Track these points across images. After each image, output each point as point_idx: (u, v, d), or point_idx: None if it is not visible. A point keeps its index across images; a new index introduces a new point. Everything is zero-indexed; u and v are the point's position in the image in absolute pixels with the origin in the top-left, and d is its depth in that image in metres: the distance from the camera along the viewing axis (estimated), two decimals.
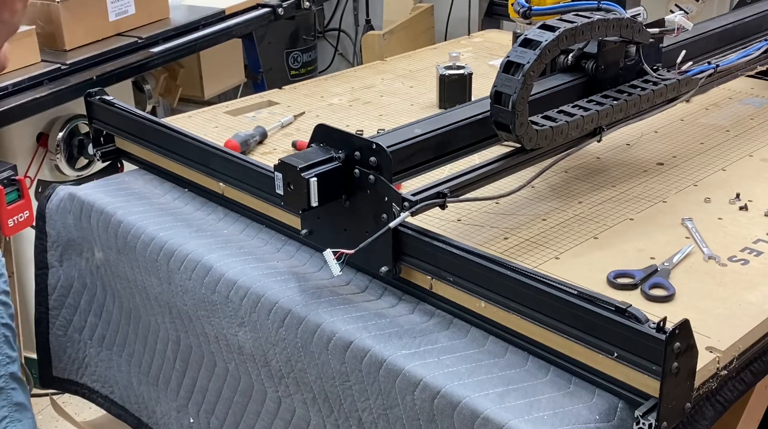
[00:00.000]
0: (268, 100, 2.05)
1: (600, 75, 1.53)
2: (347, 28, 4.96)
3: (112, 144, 1.82)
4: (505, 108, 1.30)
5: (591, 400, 1.12)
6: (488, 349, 1.23)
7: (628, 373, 1.09)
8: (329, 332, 1.28)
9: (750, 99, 1.97)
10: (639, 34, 1.48)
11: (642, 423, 1.05)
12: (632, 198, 1.53)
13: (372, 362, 1.23)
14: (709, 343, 1.14)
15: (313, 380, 1.33)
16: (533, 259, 1.34)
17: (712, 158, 1.68)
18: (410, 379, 1.18)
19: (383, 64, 2.32)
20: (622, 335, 1.08)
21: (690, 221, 1.44)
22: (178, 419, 1.63)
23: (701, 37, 1.75)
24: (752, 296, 1.25)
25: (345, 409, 1.30)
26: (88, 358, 1.78)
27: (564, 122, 1.39)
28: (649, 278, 1.27)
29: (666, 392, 1.04)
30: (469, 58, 2.29)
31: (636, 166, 1.65)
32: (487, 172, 1.36)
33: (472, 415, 1.12)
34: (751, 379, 1.23)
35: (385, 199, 1.26)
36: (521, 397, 1.13)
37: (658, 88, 1.53)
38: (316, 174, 1.27)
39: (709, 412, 1.18)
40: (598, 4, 1.45)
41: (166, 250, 1.53)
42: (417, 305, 1.33)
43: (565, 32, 1.33)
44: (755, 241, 1.39)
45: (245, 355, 1.43)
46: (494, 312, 1.23)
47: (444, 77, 1.92)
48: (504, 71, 1.31)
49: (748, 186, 1.56)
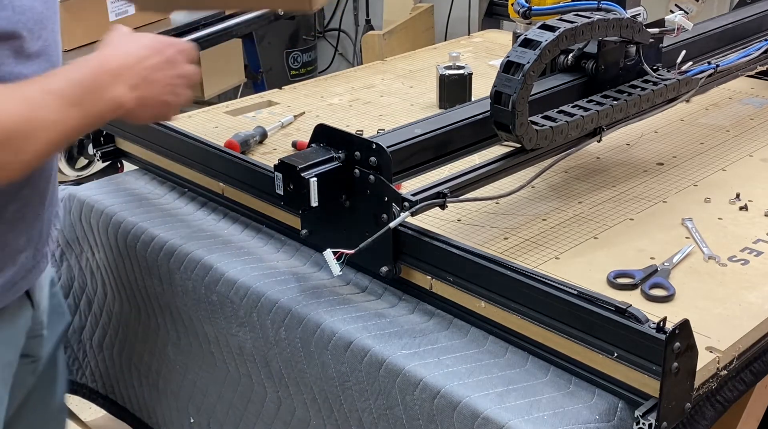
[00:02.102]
0: (268, 100, 2.05)
1: (600, 75, 1.53)
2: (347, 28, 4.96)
3: (112, 144, 1.82)
4: (505, 108, 1.30)
5: (591, 400, 1.12)
6: (488, 349, 1.23)
7: (628, 373, 1.09)
8: (329, 332, 1.28)
9: (750, 99, 1.97)
10: (639, 34, 1.47)
11: (642, 423, 1.05)
12: (632, 198, 1.53)
13: (372, 362, 1.23)
14: (709, 343, 1.14)
15: (313, 380, 1.33)
16: (533, 259, 1.34)
17: (712, 158, 1.68)
18: (410, 379, 1.18)
19: (383, 64, 2.32)
20: (622, 335, 1.08)
21: (690, 221, 1.44)
22: (178, 419, 1.63)
23: (701, 37, 1.75)
24: (752, 296, 1.25)
25: (345, 410, 1.30)
26: (88, 358, 1.78)
27: (564, 122, 1.39)
28: (649, 278, 1.27)
29: (666, 392, 1.04)
30: (469, 58, 2.29)
31: (636, 166, 1.65)
32: (487, 172, 1.36)
33: (472, 415, 1.12)
34: (751, 379, 1.23)
35: (385, 199, 1.26)
36: (521, 397, 1.13)
37: (658, 88, 1.53)
38: (316, 174, 1.27)
39: (709, 412, 1.18)
40: (598, 4, 1.45)
41: (166, 250, 1.53)
42: (417, 305, 1.33)
43: (565, 32, 1.33)
44: (755, 241, 1.39)
45: (245, 355, 1.43)
46: (494, 312, 1.23)
47: (444, 77, 1.92)
48: (504, 71, 1.31)
49: (748, 186, 1.56)
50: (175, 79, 1.25)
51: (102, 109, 1.17)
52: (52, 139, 1.13)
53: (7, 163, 1.10)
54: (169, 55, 1.25)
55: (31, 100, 1.11)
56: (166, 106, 1.26)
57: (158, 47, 1.25)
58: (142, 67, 1.21)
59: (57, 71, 1.20)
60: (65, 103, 1.13)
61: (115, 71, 1.19)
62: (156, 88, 1.23)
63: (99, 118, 1.18)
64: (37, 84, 1.14)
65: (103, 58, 1.20)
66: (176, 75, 1.25)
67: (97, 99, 1.16)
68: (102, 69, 1.18)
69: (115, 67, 1.19)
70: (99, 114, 1.17)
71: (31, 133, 1.09)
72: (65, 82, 1.15)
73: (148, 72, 1.22)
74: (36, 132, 1.10)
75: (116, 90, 1.18)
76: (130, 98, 1.19)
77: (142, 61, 1.21)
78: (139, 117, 1.25)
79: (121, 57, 1.21)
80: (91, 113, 1.16)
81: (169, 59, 1.25)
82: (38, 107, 1.11)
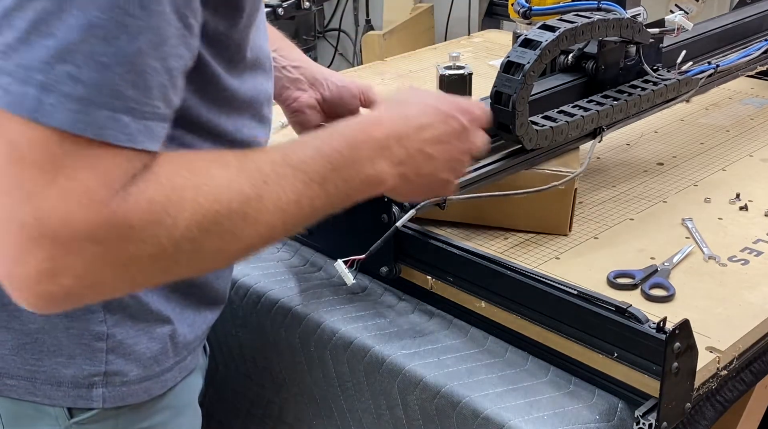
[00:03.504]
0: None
1: (600, 75, 1.53)
2: (347, 28, 4.96)
3: None
4: (505, 108, 1.30)
5: (591, 400, 1.12)
6: (488, 349, 1.23)
7: (628, 373, 1.09)
8: (329, 332, 1.28)
9: (750, 99, 1.97)
10: (639, 34, 1.47)
11: (642, 423, 1.05)
12: (632, 198, 1.53)
13: (372, 362, 1.23)
14: (709, 343, 1.14)
15: (313, 380, 1.33)
16: (533, 259, 1.34)
17: (712, 158, 1.68)
18: (410, 379, 1.18)
19: (383, 64, 2.32)
20: (622, 335, 1.08)
21: (690, 221, 1.44)
22: None
23: (701, 37, 1.75)
24: (752, 296, 1.25)
25: (345, 410, 1.30)
26: None
27: (564, 122, 1.39)
28: (649, 278, 1.27)
29: (666, 392, 1.04)
30: (469, 58, 2.29)
31: (636, 166, 1.65)
32: (487, 172, 1.35)
33: (472, 415, 1.12)
34: (751, 379, 1.23)
35: (385, 200, 1.26)
36: (521, 397, 1.13)
37: (658, 88, 1.53)
38: None
39: (709, 412, 1.18)
40: (598, 4, 1.45)
41: None
42: (417, 305, 1.33)
43: (565, 32, 1.33)
44: (755, 241, 1.39)
45: (245, 355, 1.43)
46: (494, 312, 1.23)
47: (444, 77, 1.91)
48: (504, 71, 1.31)
49: (748, 186, 1.56)
50: (457, 154, 1.06)
51: (354, 187, 0.96)
52: (282, 221, 0.90)
53: (223, 250, 0.87)
54: (457, 125, 1.05)
55: (264, 174, 0.88)
56: (440, 184, 1.07)
57: (446, 112, 1.05)
58: (418, 139, 1.01)
59: (303, 138, 1.02)
60: (307, 178, 0.91)
61: (382, 142, 0.98)
62: (431, 164, 1.03)
63: (347, 198, 0.97)
64: (272, 153, 0.92)
65: (370, 122, 1.01)
66: (460, 150, 1.06)
67: (350, 175, 0.95)
68: (365, 137, 0.98)
69: (383, 137, 0.98)
70: (347, 194, 0.96)
71: (254, 215, 0.86)
72: (310, 153, 0.92)
73: (425, 145, 1.02)
74: (260, 215, 0.87)
75: (377, 166, 0.97)
76: (391, 175, 0.99)
77: (421, 131, 1.02)
78: (402, 195, 1.08)
79: (395, 122, 1.01)
80: (337, 193, 0.94)
81: (455, 130, 1.05)
82: (272, 182, 0.88)
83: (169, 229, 0.80)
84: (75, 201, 0.76)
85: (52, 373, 1.02)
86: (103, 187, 0.77)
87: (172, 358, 1.09)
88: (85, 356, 1.02)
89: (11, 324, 1.01)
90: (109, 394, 1.04)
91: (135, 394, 1.06)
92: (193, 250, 0.83)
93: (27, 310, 0.87)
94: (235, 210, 0.85)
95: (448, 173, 1.07)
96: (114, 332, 1.03)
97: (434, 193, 1.13)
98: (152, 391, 1.08)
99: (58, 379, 1.03)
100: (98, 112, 0.76)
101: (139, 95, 0.79)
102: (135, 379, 1.05)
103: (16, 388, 1.03)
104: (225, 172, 0.86)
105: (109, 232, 0.77)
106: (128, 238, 0.78)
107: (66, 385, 1.03)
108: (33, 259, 0.76)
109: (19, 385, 1.03)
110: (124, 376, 1.04)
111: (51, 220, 0.75)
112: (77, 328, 1.01)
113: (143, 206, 0.79)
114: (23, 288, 0.79)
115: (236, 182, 0.86)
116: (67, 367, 1.02)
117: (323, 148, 0.94)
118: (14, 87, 0.75)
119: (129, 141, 0.78)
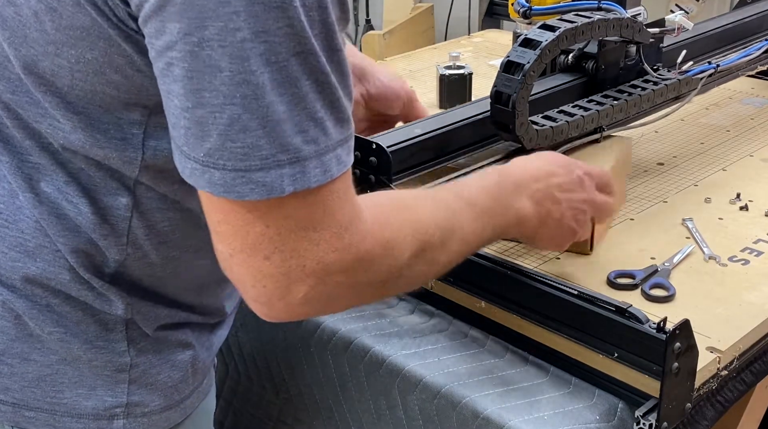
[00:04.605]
0: None
1: (600, 75, 1.53)
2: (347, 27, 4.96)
3: None
4: (505, 108, 1.30)
5: (591, 401, 1.12)
6: (488, 349, 1.23)
7: (628, 374, 1.09)
8: (329, 332, 1.28)
9: (750, 99, 1.97)
10: (639, 34, 1.47)
11: (642, 423, 1.05)
12: (632, 198, 1.52)
13: (372, 362, 1.23)
14: (709, 343, 1.14)
15: (313, 381, 1.33)
16: (533, 259, 1.34)
17: (712, 158, 1.68)
18: (410, 379, 1.18)
19: (383, 64, 2.32)
20: (622, 335, 1.08)
21: (690, 221, 1.44)
22: None
23: (701, 37, 1.75)
24: (752, 296, 1.25)
25: (345, 410, 1.30)
26: None
27: (564, 122, 1.39)
28: (650, 278, 1.27)
29: (666, 392, 1.04)
30: (469, 58, 2.29)
31: (636, 166, 1.64)
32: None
33: (472, 415, 1.12)
34: (751, 380, 1.23)
35: None
36: (521, 397, 1.13)
37: (659, 87, 1.53)
38: None
39: (709, 413, 1.18)
40: (598, 4, 1.44)
41: None
42: (417, 305, 1.33)
43: (565, 32, 1.33)
44: (755, 241, 1.39)
45: (245, 356, 1.43)
46: (494, 312, 1.23)
47: (444, 77, 1.92)
48: (504, 71, 1.31)
49: (748, 186, 1.55)
50: (581, 203, 1.14)
51: (508, 221, 1.07)
52: (463, 250, 1.03)
53: (425, 273, 0.99)
54: (579, 176, 1.15)
55: (452, 209, 1.01)
56: (567, 231, 1.15)
57: (568, 166, 1.15)
58: (547, 183, 1.11)
59: (461, 179, 1.11)
60: (477, 210, 1.03)
61: (518, 181, 1.09)
62: (559, 209, 1.12)
63: (503, 231, 1.09)
64: (450, 188, 1.06)
65: (503, 168, 1.12)
66: (584, 200, 1.14)
67: (503, 210, 1.07)
68: (504, 177, 1.09)
69: (518, 178, 1.09)
70: (504, 227, 1.08)
71: (448, 244, 0.99)
72: (475, 189, 1.05)
73: (554, 189, 1.11)
74: (452, 244, 1.00)
75: (520, 202, 1.08)
76: (532, 213, 1.09)
77: (549, 176, 1.11)
78: (538, 237, 1.14)
79: (526, 168, 1.11)
80: (498, 224, 1.06)
81: (578, 180, 1.14)
82: (458, 213, 1.01)
83: (397, 259, 0.93)
84: (330, 246, 0.86)
85: (72, 405, 1.02)
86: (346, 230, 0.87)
87: (191, 384, 1.10)
88: (106, 387, 1.02)
89: (32, 355, 1.00)
90: (130, 426, 1.04)
91: (156, 425, 1.06)
92: (408, 275, 0.96)
93: (48, 342, 0.91)
94: (438, 239, 0.97)
95: (572, 221, 1.15)
96: (138, 362, 1.03)
97: (560, 242, 1.18)
98: (172, 420, 1.08)
99: (78, 411, 1.02)
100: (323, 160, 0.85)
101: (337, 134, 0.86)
102: (156, 409, 1.06)
103: (35, 421, 1.02)
104: (426, 207, 0.99)
105: (356, 266, 0.89)
106: (368, 270, 0.90)
107: (86, 417, 1.02)
108: (296, 291, 0.86)
109: (38, 417, 1.02)
110: (145, 406, 1.05)
111: (311, 262, 0.85)
112: (100, 359, 1.01)
113: (381, 243, 0.90)
114: (281, 313, 0.89)
115: (436, 216, 0.98)
116: (88, 399, 1.02)
117: (480, 184, 1.07)
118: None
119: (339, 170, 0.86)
